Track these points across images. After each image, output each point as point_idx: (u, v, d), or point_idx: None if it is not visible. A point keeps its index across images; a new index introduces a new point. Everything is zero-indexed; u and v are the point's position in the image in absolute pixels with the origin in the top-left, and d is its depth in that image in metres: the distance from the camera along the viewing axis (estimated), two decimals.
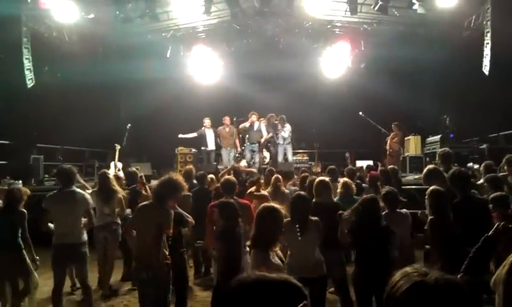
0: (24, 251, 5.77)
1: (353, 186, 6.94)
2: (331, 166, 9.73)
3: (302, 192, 5.76)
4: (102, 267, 7.31)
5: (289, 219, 5.15)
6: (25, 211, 5.87)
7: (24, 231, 5.80)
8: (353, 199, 6.16)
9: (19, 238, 5.75)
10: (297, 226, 5.03)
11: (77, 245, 5.86)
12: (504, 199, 5.19)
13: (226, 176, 7.16)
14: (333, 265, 5.37)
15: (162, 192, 5.06)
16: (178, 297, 5.62)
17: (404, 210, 5.75)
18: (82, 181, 8.07)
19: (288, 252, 5.16)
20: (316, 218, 5.13)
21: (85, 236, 6.01)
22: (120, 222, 7.37)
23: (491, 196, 5.34)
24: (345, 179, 7.18)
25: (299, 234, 4.99)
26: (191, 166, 10.62)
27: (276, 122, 14.01)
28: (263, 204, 4.63)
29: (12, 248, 5.69)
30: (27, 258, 5.80)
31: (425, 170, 6.73)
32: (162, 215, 4.89)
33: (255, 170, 10.37)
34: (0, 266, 5.69)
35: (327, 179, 6.40)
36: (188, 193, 7.29)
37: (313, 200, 5.78)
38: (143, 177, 8.24)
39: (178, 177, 5.39)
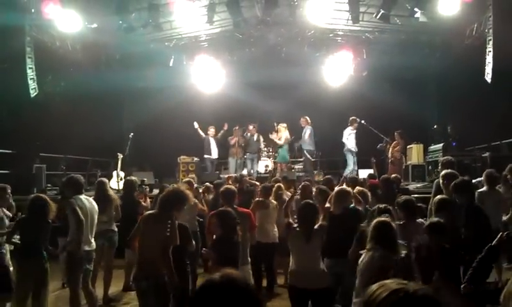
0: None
1: (368, 194, 6.95)
2: (327, 176, 9.88)
3: (310, 201, 5.79)
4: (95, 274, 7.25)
5: (296, 226, 5.20)
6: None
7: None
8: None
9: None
10: (303, 233, 5.07)
11: (93, 250, 6.24)
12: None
13: (226, 185, 7.16)
14: (345, 274, 5.33)
15: (167, 203, 5.06)
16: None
17: (420, 220, 5.68)
18: None
19: (292, 260, 5.19)
20: (320, 224, 5.15)
21: None
22: (116, 229, 7.47)
23: None
24: (360, 188, 7.18)
25: (305, 242, 5.03)
26: (193, 176, 10.67)
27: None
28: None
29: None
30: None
31: (447, 171, 6.73)
32: (166, 228, 4.88)
33: (257, 182, 10.39)
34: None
35: (347, 187, 6.41)
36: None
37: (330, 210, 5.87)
38: (147, 189, 8.15)
39: (184, 188, 5.39)
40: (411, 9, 12.91)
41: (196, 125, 14.95)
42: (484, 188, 6.99)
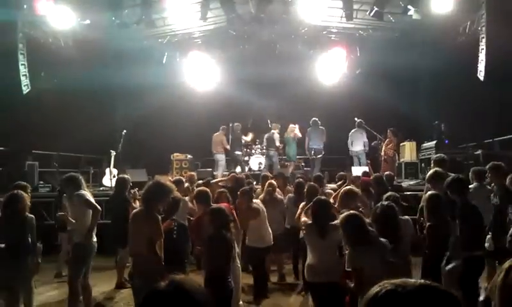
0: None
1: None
2: (317, 174, 9.94)
3: (323, 197, 5.81)
4: None
5: (310, 222, 5.24)
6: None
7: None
8: None
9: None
10: (317, 229, 5.10)
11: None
12: None
13: (200, 187, 7.10)
14: None
15: (149, 198, 5.07)
16: None
17: (405, 217, 5.73)
18: None
19: (309, 255, 5.24)
20: (336, 222, 5.18)
21: None
22: None
23: None
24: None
25: (319, 237, 5.05)
26: (193, 173, 10.55)
27: None
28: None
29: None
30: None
31: (431, 172, 6.78)
32: (151, 225, 4.89)
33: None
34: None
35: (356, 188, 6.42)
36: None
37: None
38: (136, 193, 7.94)
39: (166, 181, 5.41)
40: (404, 7, 12.93)
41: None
42: (474, 185, 7.02)
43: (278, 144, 14.76)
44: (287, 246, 8.25)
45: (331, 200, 6.32)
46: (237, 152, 14.96)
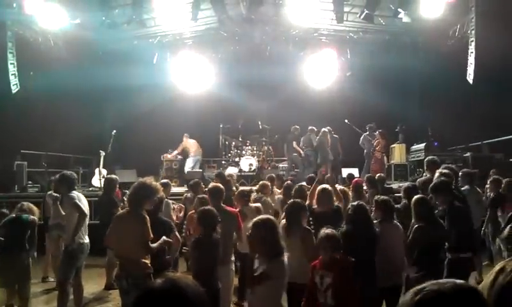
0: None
1: (349, 193, 7.04)
2: (310, 174, 9.98)
3: (298, 200, 5.80)
4: (55, 258, 7.71)
5: (285, 221, 5.26)
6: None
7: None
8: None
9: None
10: (286, 228, 5.10)
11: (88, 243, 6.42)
12: None
13: (214, 183, 7.08)
14: None
15: (135, 199, 5.04)
16: None
17: (395, 223, 5.69)
18: None
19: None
20: (308, 228, 5.17)
21: None
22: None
23: None
24: (341, 187, 7.23)
25: (286, 236, 5.04)
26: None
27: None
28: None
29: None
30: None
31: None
32: (139, 224, 4.86)
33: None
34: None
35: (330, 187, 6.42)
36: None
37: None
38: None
39: (151, 181, 5.38)
40: (394, 10, 13.00)
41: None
42: (466, 188, 7.08)
43: (315, 144, 14.72)
44: None
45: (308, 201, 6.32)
46: (295, 154, 14.94)
